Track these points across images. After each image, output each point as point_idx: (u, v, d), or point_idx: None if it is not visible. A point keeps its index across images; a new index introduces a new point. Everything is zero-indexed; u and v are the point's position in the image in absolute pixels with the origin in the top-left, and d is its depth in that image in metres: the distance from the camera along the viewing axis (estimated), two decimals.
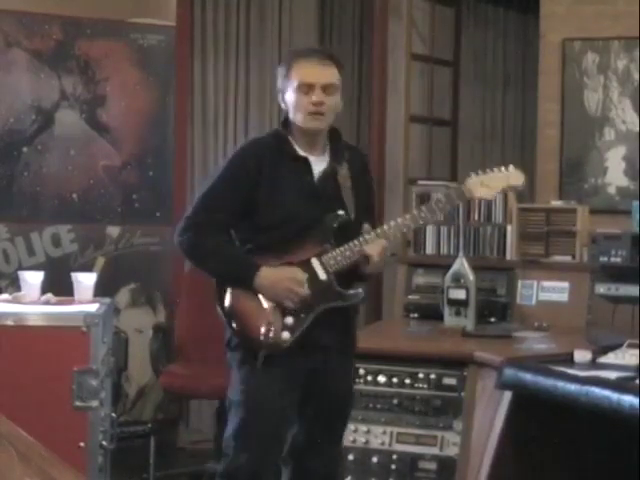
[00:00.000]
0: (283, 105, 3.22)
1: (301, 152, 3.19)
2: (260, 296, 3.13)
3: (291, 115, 3.18)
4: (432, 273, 4.67)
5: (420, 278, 4.74)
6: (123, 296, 5.53)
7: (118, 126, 5.52)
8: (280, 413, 3.15)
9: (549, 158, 5.70)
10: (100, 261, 5.49)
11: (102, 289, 3.94)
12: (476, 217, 4.74)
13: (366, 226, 3.19)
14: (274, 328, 3.09)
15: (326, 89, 3.14)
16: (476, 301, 4.23)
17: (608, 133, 5.56)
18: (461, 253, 4.34)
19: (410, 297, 4.68)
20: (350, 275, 3.20)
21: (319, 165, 3.20)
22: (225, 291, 3.16)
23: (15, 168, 5.33)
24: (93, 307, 3.57)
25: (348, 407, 3.34)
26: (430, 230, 4.83)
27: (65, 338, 3.39)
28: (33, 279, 3.72)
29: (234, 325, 3.14)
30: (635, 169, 5.48)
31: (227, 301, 3.15)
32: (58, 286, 3.76)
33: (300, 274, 3.14)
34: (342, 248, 3.16)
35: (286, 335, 3.11)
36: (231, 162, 3.24)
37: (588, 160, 5.60)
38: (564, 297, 4.45)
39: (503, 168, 3.32)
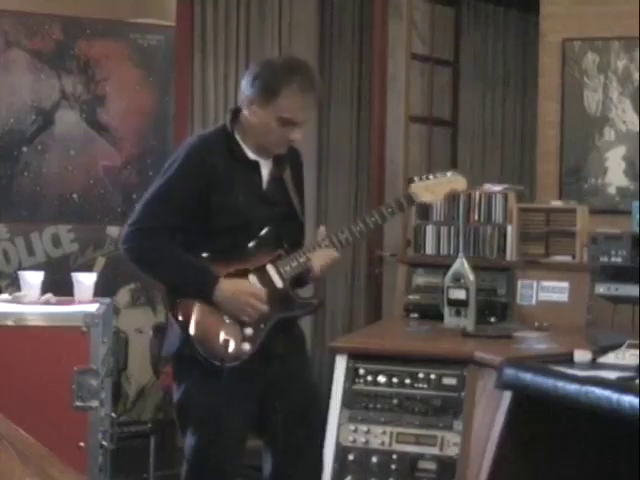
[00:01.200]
0: (246, 111, 3.10)
1: (252, 156, 3.13)
2: (218, 308, 3.07)
3: (255, 130, 3.09)
4: (432, 273, 4.66)
5: (420, 278, 4.74)
6: (123, 296, 5.53)
7: (118, 126, 5.52)
8: (240, 425, 3.11)
9: (549, 158, 5.70)
10: (100, 261, 5.49)
11: (102, 289, 3.95)
12: (476, 217, 4.74)
13: (321, 229, 3.17)
14: (234, 340, 3.04)
15: (303, 124, 3.11)
16: (476, 301, 4.23)
17: (608, 133, 5.56)
18: (461, 253, 4.33)
19: (410, 297, 4.67)
20: (295, 281, 3.19)
21: (266, 167, 3.16)
22: (178, 300, 3.07)
23: (15, 168, 5.33)
24: (93, 307, 3.57)
25: (317, 403, 3.32)
26: (430, 230, 4.83)
27: (65, 338, 3.39)
28: (33, 279, 3.73)
29: (192, 336, 3.05)
30: (635, 169, 5.47)
31: (183, 311, 3.06)
32: (58, 286, 3.77)
33: (259, 289, 3.09)
34: (296, 254, 3.13)
35: (246, 346, 3.07)
36: (182, 163, 3.08)
37: (588, 160, 5.60)
38: (564, 297, 4.45)
39: (448, 173, 3.40)
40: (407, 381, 3.76)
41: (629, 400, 2.93)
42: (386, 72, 5.77)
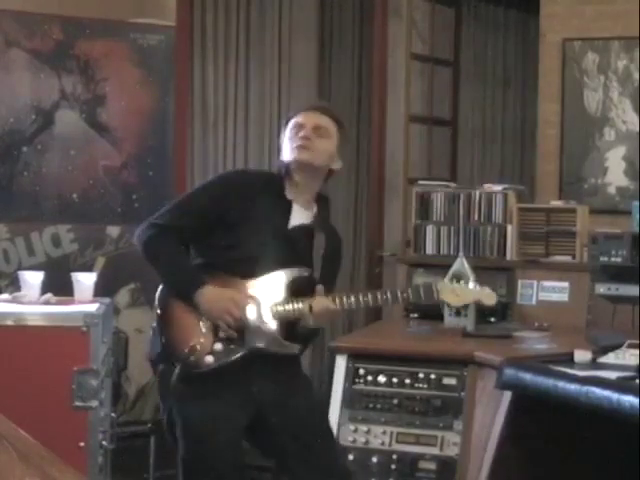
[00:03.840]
0: (281, 155, 3.19)
1: (289, 195, 3.15)
2: (202, 318, 3.07)
3: (283, 156, 3.15)
4: (432, 273, 4.66)
5: (420, 278, 4.73)
6: (123, 296, 5.53)
7: (118, 126, 5.52)
8: (231, 439, 3.08)
9: (549, 158, 5.71)
10: (100, 261, 5.49)
11: (102, 289, 3.94)
12: (476, 217, 4.74)
13: (319, 287, 3.13)
14: (201, 349, 3.03)
15: (317, 130, 3.13)
16: None
17: (608, 133, 5.56)
18: (461, 253, 4.33)
19: None
20: (290, 329, 3.16)
21: (299, 216, 3.16)
22: (168, 304, 3.10)
23: (15, 168, 5.32)
24: (93, 307, 3.57)
25: (324, 420, 3.29)
26: (430, 230, 4.83)
27: (65, 338, 3.39)
28: (33, 279, 3.72)
29: (166, 332, 3.07)
30: (635, 169, 5.48)
31: (164, 308, 3.09)
32: (58, 286, 3.76)
33: (244, 300, 3.08)
34: (296, 300, 3.11)
35: (209, 359, 3.05)
36: (215, 181, 3.27)
37: (588, 160, 5.60)
38: (564, 297, 4.45)
39: (478, 286, 3.37)
40: (407, 381, 3.76)
41: (629, 400, 2.93)
42: (386, 72, 5.77)
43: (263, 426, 3.13)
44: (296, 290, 3.13)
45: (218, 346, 3.07)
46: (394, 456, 3.71)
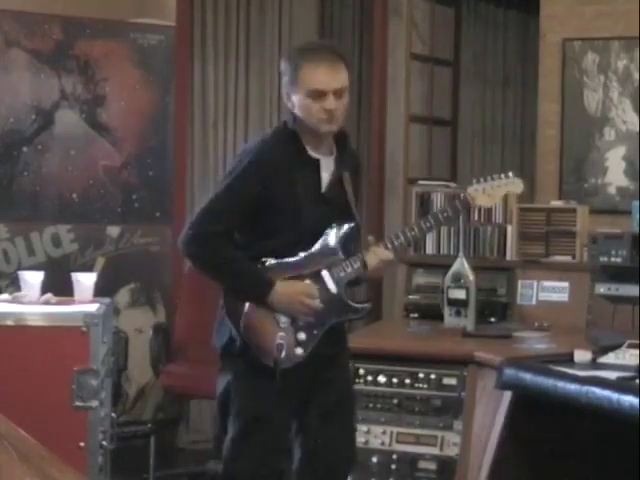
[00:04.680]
0: (290, 105, 3.14)
1: (313, 154, 3.14)
2: (274, 312, 3.10)
3: (301, 116, 3.11)
4: (432, 273, 4.66)
5: (420, 278, 4.74)
6: (123, 296, 5.53)
7: (118, 126, 5.52)
8: (281, 426, 3.14)
9: (549, 158, 5.70)
10: (100, 261, 5.49)
11: (102, 289, 3.94)
12: (476, 217, 4.74)
13: (370, 239, 3.19)
14: (287, 344, 3.06)
15: (336, 93, 3.09)
16: (476, 301, 4.23)
17: (608, 133, 5.56)
18: (461, 253, 4.34)
19: (410, 297, 4.67)
20: (353, 289, 3.22)
21: (327, 168, 3.17)
22: (239, 304, 3.11)
23: (15, 168, 5.33)
24: (93, 307, 3.57)
25: (352, 397, 3.33)
26: None
27: (65, 338, 3.39)
28: (33, 279, 3.72)
29: (246, 337, 3.09)
30: (635, 169, 5.47)
31: (239, 312, 3.09)
32: (58, 286, 3.76)
33: (313, 288, 3.12)
34: (351, 259, 3.15)
35: (299, 351, 3.10)
36: (244, 168, 3.11)
37: (588, 160, 5.60)
38: (564, 297, 4.45)
39: (503, 175, 3.37)
40: (407, 381, 3.76)
41: (629, 400, 2.93)
42: (386, 72, 5.78)
43: (309, 394, 3.16)
44: (346, 245, 3.16)
45: (302, 336, 3.11)
46: (394, 456, 3.71)
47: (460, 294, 4.22)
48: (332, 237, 3.15)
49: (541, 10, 5.71)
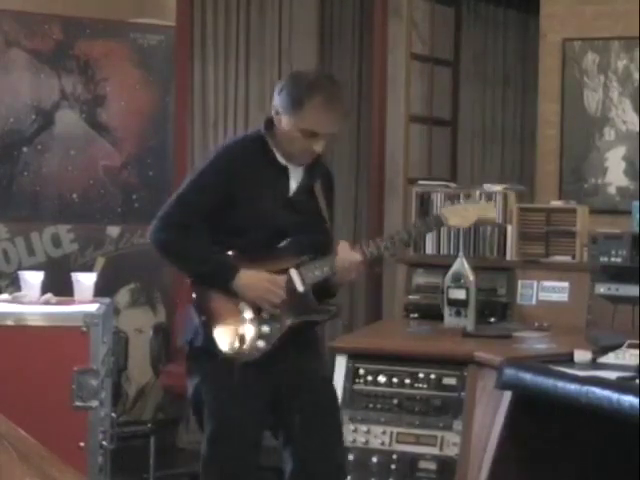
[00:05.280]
0: (276, 119, 3.17)
1: (282, 161, 3.18)
2: (240, 302, 3.10)
3: (284, 140, 3.14)
4: (432, 273, 4.66)
5: (420, 278, 4.73)
6: (123, 296, 5.54)
7: (118, 126, 5.52)
8: (254, 422, 3.13)
9: (549, 158, 5.70)
10: (100, 261, 5.49)
11: (102, 289, 3.94)
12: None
13: (342, 243, 3.21)
14: (250, 336, 3.07)
15: (329, 136, 3.15)
16: (476, 301, 4.23)
17: (608, 133, 5.56)
18: (461, 253, 4.33)
19: (410, 297, 4.67)
20: (320, 289, 3.22)
21: (296, 176, 3.20)
22: (203, 291, 3.13)
23: (15, 168, 5.33)
24: (93, 307, 3.57)
25: (334, 402, 3.32)
26: None
27: (65, 338, 3.39)
28: (33, 279, 3.73)
29: (208, 328, 3.09)
30: (635, 169, 5.47)
31: (204, 304, 3.11)
32: (58, 286, 3.77)
33: (279, 279, 3.13)
34: (321, 262, 3.17)
35: (261, 344, 3.10)
36: (212, 161, 3.19)
37: (588, 160, 5.60)
38: (564, 297, 4.45)
39: (478, 200, 3.46)
40: (407, 381, 3.76)
41: (629, 400, 2.93)
42: (386, 72, 5.77)
43: (278, 392, 3.16)
44: (317, 251, 3.18)
45: (265, 329, 3.11)
46: (394, 456, 3.71)
47: (460, 294, 4.22)
48: (298, 241, 3.18)
49: (541, 10, 5.71)
